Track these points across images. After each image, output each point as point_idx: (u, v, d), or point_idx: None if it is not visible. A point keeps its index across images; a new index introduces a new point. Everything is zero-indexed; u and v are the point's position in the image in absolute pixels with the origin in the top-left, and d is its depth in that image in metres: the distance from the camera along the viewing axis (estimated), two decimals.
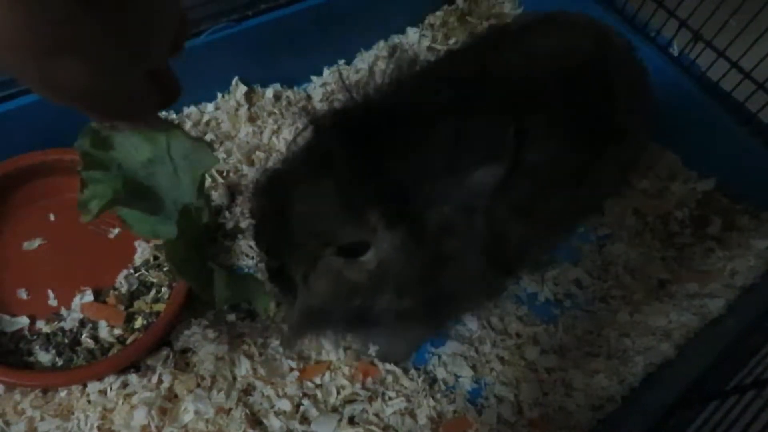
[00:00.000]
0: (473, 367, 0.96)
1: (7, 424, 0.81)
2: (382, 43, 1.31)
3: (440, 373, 0.95)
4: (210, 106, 1.15)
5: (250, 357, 0.90)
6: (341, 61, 1.27)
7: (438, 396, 0.92)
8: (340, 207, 0.66)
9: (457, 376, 0.95)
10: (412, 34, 1.33)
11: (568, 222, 0.93)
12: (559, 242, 1.02)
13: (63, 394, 0.84)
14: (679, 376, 0.91)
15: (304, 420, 0.87)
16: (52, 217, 0.98)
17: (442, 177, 0.66)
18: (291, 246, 0.70)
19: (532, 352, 0.97)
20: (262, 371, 0.89)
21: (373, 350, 0.94)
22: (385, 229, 0.66)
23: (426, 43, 1.31)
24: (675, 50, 1.23)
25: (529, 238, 0.80)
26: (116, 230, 0.99)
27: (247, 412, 0.85)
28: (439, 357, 0.97)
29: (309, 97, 1.22)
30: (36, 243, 0.96)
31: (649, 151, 1.18)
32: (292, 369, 0.91)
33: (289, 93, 1.20)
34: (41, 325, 0.90)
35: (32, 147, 0.95)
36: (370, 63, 1.26)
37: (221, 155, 1.09)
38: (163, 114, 1.10)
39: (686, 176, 1.17)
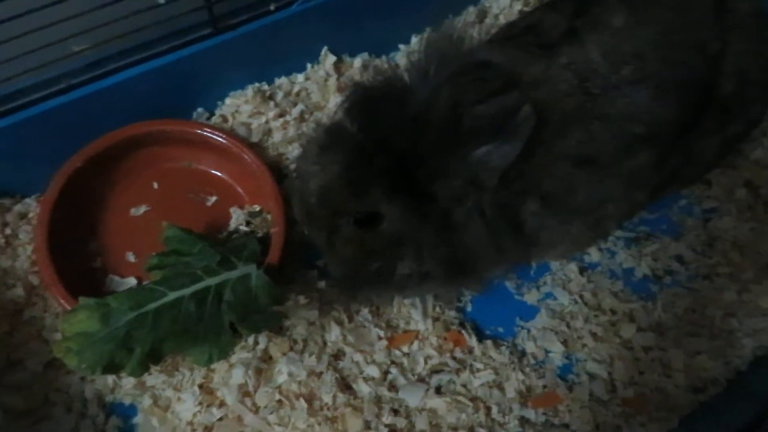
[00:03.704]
0: (564, 343, 0.93)
1: (119, 377, 0.87)
2: (471, 9, 1.27)
3: (529, 347, 0.94)
4: (300, 77, 1.16)
5: (339, 323, 0.92)
6: (429, 29, 1.24)
7: (527, 370, 0.91)
8: (346, 181, 0.74)
9: (547, 351, 0.93)
10: None
11: (651, 186, 0.89)
12: (639, 206, 0.97)
13: None
14: None
15: (392, 387, 0.88)
16: (155, 185, 1.03)
17: (448, 153, 0.71)
18: (310, 216, 0.79)
19: (627, 330, 0.93)
20: (351, 338, 0.91)
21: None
22: (388, 201, 0.73)
23: (518, 7, 1.26)
24: None
25: (599, 192, 0.81)
26: (213, 198, 1.03)
27: (338, 376, 0.87)
28: (528, 331, 0.95)
29: (396, 66, 1.20)
30: (141, 209, 1.01)
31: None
32: (380, 337, 0.92)
33: (376, 62, 1.20)
34: None
35: (136, 118, 0.99)
36: (459, 30, 1.22)
37: (312, 125, 1.10)
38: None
39: None
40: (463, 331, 0.93)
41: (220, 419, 0.84)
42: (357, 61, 1.19)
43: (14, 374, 0.86)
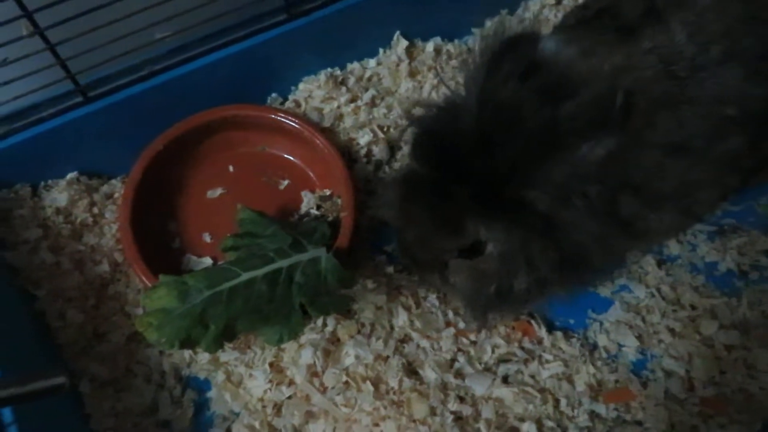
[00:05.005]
0: (639, 337, 0.90)
1: (195, 352, 0.91)
2: None
3: (601, 340, 0.91)
4: (372, 62, 1.16)
5: (407, 309, 0.92)
6: (504, 11, 1.22)
7: (598, 364, 0.88)
8: (438, 225, 0.73)
9: (620, 345, 0.90)
10: None
11: (744, 170, 0.83)
12: (731, 190, 0.90)
13: None
14: None
15: (459, 375, 0.87)
16: (231, 169, 1.06)
17: (542, 158, 0.67)
18: (416, 263, 0.81)
19: (708, 327, 0.89)
20: (418, 324, 0.91)
21: None
22: (485, 227, 0.71)
23: None
24: None
25: (690, 179, 0.78)
26: (286, 182, 1.05)
27: (404, 361, 0.87)
28: (601, 324, 0.93)
29: (470, 51, 1.18)
30: (218, 192, 1.05)
31: None
32: (448, 324, 0.91)
33: (449, 47, 1.18)
34: None
35: (213, 103, 1.02)
36: (535, 12, 1.19)
37: (382, 110, 1.10)
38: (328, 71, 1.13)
39: None
40: (532, 321, 0.91)
41: (289, 397, 0.87)
42: (429, 46, 1.17)
43: (100, 345, 0.91)
